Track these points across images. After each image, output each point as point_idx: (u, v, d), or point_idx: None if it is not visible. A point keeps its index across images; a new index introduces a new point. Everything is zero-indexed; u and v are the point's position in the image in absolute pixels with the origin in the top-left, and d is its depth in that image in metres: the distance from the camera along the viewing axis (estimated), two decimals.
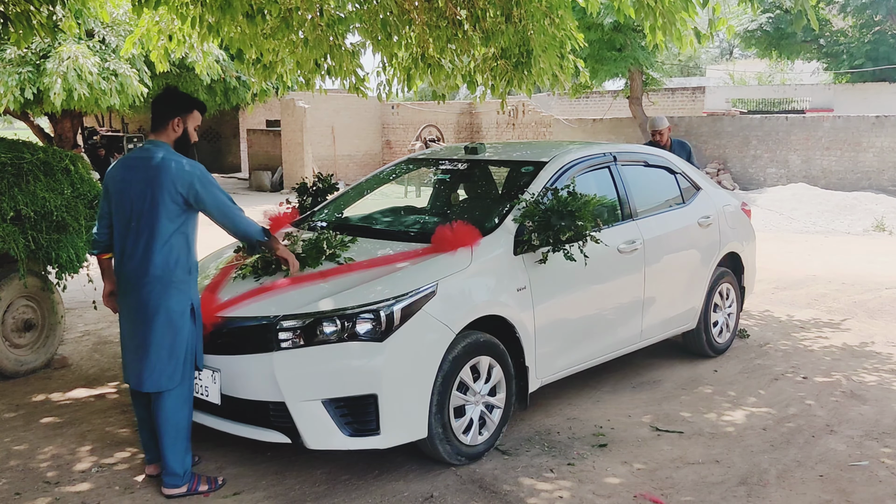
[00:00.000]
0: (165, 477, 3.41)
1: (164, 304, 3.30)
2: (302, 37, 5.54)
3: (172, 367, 3.34)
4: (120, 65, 12.13)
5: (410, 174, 5.83)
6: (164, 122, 3.42)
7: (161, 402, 3.36)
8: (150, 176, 3.29)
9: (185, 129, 3.45)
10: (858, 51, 21.87)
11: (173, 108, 3.43)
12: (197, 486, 3.45)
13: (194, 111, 3.48)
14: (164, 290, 3.30)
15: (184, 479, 3.41)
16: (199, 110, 3.51)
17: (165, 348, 3.32)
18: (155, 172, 3.28)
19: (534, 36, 5.26)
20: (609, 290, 4.58)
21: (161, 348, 3.31)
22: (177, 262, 3.33)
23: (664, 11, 4.59)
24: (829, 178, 16.56)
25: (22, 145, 4.99)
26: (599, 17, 13.40)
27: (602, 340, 4.58)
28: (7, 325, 4.96)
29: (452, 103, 24.01)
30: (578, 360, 4.44)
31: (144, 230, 3.29)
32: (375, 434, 3.41)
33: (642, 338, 4.90)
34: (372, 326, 3.42)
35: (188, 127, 3.46)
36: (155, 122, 3.45)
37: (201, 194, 3.31)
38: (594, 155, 4.84)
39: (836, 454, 3.91)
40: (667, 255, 4.98)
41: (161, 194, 3.27)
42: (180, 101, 3.47)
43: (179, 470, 3.40)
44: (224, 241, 4.38)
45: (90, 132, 22.58)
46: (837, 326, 6.43)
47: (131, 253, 3.32)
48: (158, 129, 3.44)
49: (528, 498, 3.43)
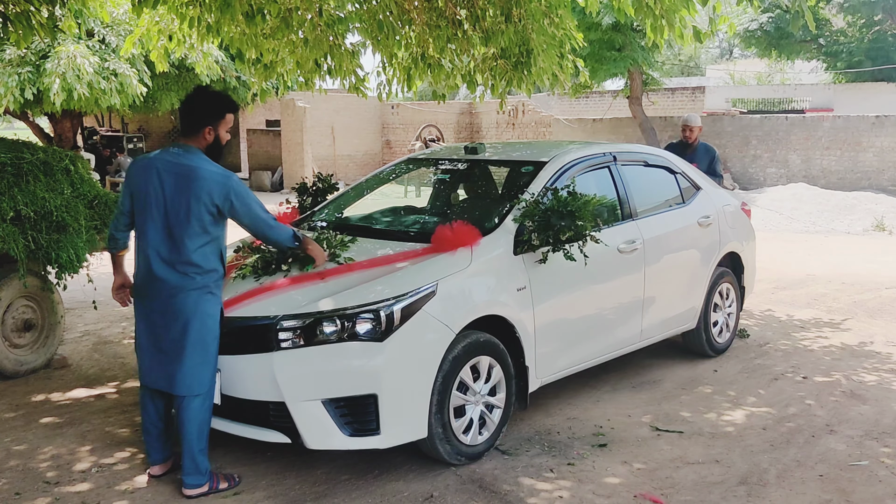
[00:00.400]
0: (187, 478, 3.40)
1: (200, 310, 3.31)
2: (302, 37, 5.55)
3: (204, 371, 3.36)
4: (120, 65, 12.13)
5: (410, 174, 5.83)
6: (196, 129, 3.37)
7: (189, 404, 3.35)
8: (184, 184, 3.26)
9: (216, 135, 3.41)
10: (858, 50, 21.88)
11: (206, 116, 3.37)
12: (217, 485, 3.46)
13: (227, 115, 3.43)
14: (200, 296, 3.31)
15: (206, 478, 3.42)
16: (231, 111, 3.44)
17: (199, 353, 3.33)
18: (190, 181, 3.26)
19: (533, 35, 5.25)
20: (609, 290, 4.58)
21: (195, 353, 3.32)
22: (213, 269, 3.35)
23: (664, 10, 4.59)
24: (829, 178, 16.56)
25: (22, 145, 4.99)
26: (599, 16, 13.39)
27: (602, 340, 4.58)
28: (7, 325, 4.96)
29: (452, 103, 24.01)
30: (578, 359, 4.44)
31: (181, 238, 3.27)
32: (375, 434, 3.41)
33: (642, 337, 4.90)
34: (372, 326, 3.42)
35: (219, 133, 3.43)
36: (186, 127, 3.40)
37: (236, 206, 3.32)
38: (594, 155, 4.84)
39: (836, 454, 3.91)
40: (667, 255, 4.98)
41: (197, 205, 3.25)
42: (213, 108, 3.40)
43: (203, 470, 3.41)
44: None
45: (90, 132, 22.57)
46: (837, 326, 6.43)
47: (168, 258, 3.30)
48: (190, 134, 3.39)
49: (528, 498, 3.43)
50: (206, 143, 3.39)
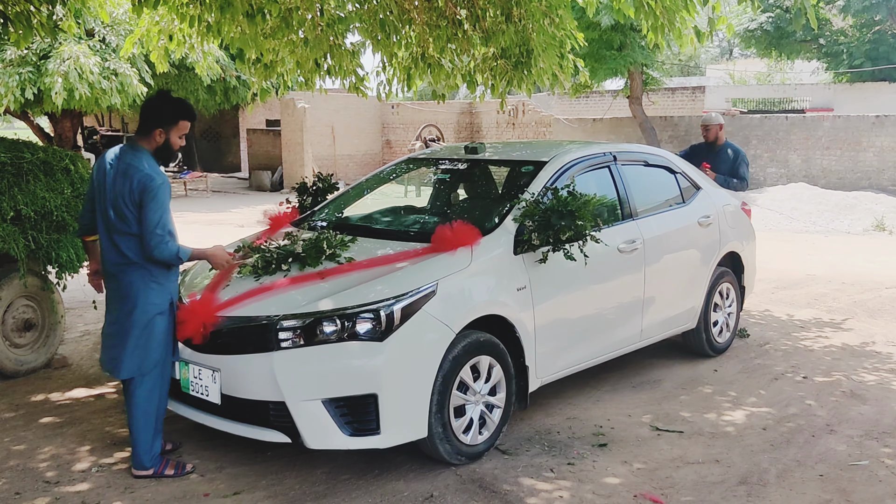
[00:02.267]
0: (133, 459, 3.59)
1: (143, 297, 3.47)
2: (302, 36, 5.54)
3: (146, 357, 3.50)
4: (120, 64, 12.14)
5: (410, 174, 5.83)
6: (148, 130, 3.53)
7: (134, 389, 3.53)
8: (121, 180, 3.43)
9: (167, 139, 3.54)
10: (858, 50, 21.87)
11: (157, 120, 3.52)
12: (163, 470, 3.60)
13: (180, 122, 3.56)
14: (144, 283, 3.47)
15: (151, 462, 3.57)
16: (186, 119, 3.57)
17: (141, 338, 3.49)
18: (125, 178, 3.42)
19: (534, 35, 5.25)
20: (609, 290, 4.57)
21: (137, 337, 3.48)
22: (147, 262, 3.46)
23: (664, 11, 4.59)
24: (829, 178, 16.56)
25: (22, 145, 4.98)
26: (599, 16, 13.38)
27: (602, 340, 4.58)
28: (7, 324, 4.96)
29: (452, 103, 24.00)
30: (579, 359, 4.44)
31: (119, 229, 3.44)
32: (375, 434, 3.41)
33: (642, 337, 4.90)
34: (372, 326, 3.42)
35: (170, 137, 3.55)
36: (140, 126, 3.56)
37: (144, 206, 3.40)
38: (594, 154, 4.84)
39: (836, 454, 3.91)
40: (667, 255, 4.98)
41: (126, 200, 3.41)
42: (166, 113, 3.54)
43: (146, 454, 3.56)
44: (223, 242, 4.38)
45: (90, 132, 22.58)
46: (838, 326, 6.43)
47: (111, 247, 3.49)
48: (142, 134, 3.54)
49: (528, 498, 3.43)
50: (156, 144, 3.54)
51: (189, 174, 20.14)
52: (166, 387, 3.64)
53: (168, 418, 4.24)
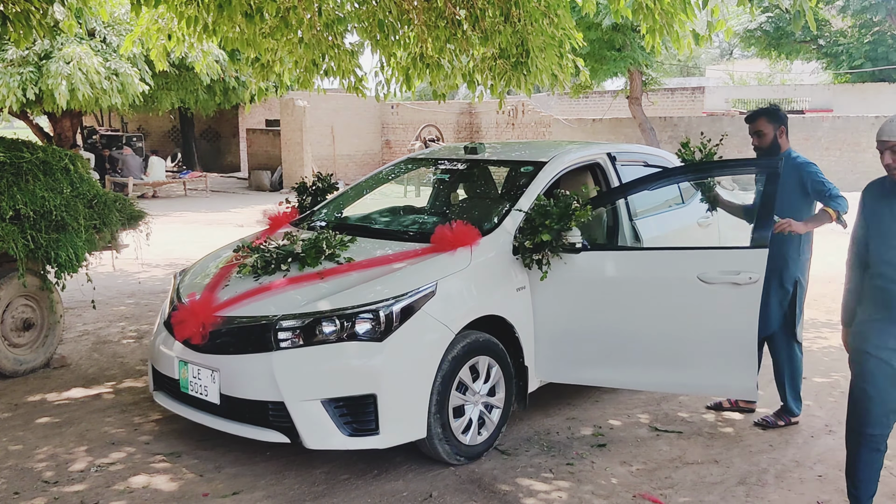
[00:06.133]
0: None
1: None
2: (300, 36, 5.54)
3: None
4: (121, 64, 12.15)
5: (410, 174, 5.82)
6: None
7: None
8: None
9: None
10: (858, 51, 21.90)
11: None
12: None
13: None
14: None
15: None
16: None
17: None
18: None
19: (532, 36, 5.25)
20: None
21: None
22: None
23: (663, 13, 4.59)
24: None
25: (21, 144, 4.98)
26: (598, 17, 13.39)
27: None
28: (6, 324, 4.96)
29: (452, 103, 24.01)
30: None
31: None
32: (375, 434, 3.41)
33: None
34: (371, 326, 3.42)
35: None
36: None
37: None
38: (594, 155, 4.83)
39: (835, 454, 3.90)
40: None
41: None
42: None
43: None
44: (223, 241, 4.38)
45: (90, 131, 22.58)
46: (836, 327, 6.43)
47: None
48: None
49: (527, 498, 3.43)
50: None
51: (188, 174, 20.15)
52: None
53: (167, 418, 4.25)
